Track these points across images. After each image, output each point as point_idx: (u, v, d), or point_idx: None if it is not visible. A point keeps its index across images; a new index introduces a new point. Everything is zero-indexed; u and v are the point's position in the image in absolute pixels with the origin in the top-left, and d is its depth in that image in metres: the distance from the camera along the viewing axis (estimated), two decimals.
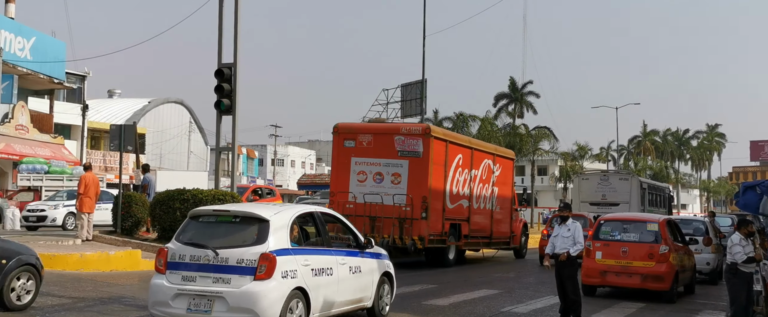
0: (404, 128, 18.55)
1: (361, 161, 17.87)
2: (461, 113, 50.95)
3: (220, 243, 8.25)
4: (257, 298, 7.87)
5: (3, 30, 30.81)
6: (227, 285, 7.98)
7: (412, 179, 17.40)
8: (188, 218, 8.83)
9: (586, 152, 70.00)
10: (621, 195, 27.54)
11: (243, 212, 8.71)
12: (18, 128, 31.56)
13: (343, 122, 19.21)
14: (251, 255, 8.03)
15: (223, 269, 8.05)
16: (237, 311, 7.87)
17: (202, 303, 7.99)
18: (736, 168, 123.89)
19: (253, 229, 8.35)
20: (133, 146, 18.57)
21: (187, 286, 8.08)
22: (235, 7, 18.12)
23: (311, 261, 8.69)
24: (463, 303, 12.45)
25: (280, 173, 74.25)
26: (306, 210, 9.35)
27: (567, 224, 11.02)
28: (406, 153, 17.55)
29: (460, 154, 19.34)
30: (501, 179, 22.16)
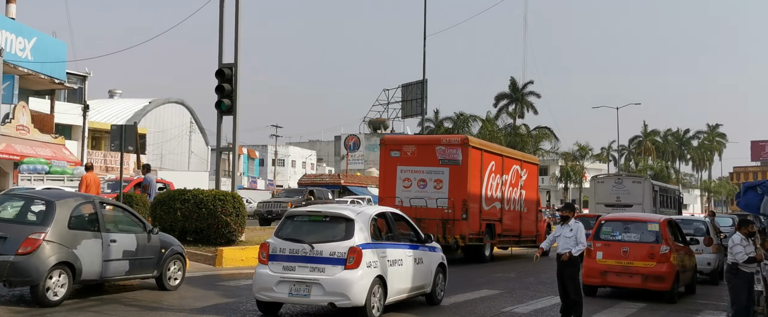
0: (444, 139, 20.36)
1: (406, 170, 19.69)
2: (462, 113, 50.99)
3: (314, 238, 9.86)
4: (348, 284, 9.51)
5: (4, 30, 30.82)
6: (322, 274, 9.61)
7: (453, 184, 19.17)
8: (284, 218, 10.58)
9: (587, 153, 70.07)
10: (634, 197, 28.70)
11: (332, 212, 10.40)
12: (19, 128, 31.57)
13: (389, 135, 23.64)
14: (342, 248, 9.67)
15: (318, 260, 9.69)
16: (331, 295, 9.52)
17: (302, 288, 9.63)
18: (736, 168, 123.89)
19: (342, 227, 10.00)
20: (134, 147, 18.55)
21: (288, 274, 9.71)
22: (236, 8, 18.13)
23: (387, 253, 10.35)
24: (463, 303, 12.44)
25: (281, 173, 74.25)
26: (381, 210, 11.26)
27: (569, 225, 11.02)
28: (447, 161, 19.35)
29: (492, 161, 21.12)
30: (528, 182, 23.95)
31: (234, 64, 17.80)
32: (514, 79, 60.27)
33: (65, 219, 10.31)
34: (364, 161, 73.90)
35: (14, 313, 9.45)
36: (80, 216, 10.75)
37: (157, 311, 10.12)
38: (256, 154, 73.70)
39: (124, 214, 11.85)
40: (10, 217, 10.66)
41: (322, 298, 9.58)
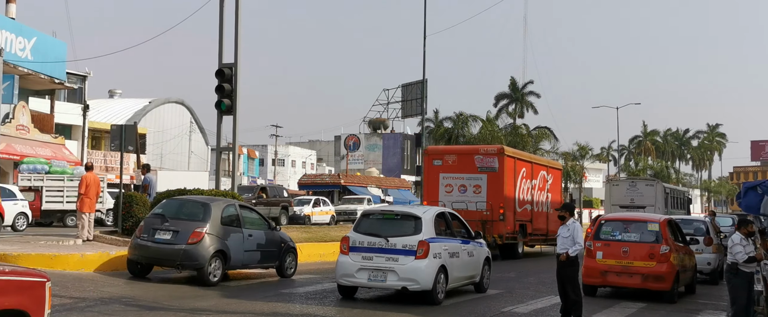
0: (482, 149, 22.85)
1: (448, 176, 21.75)
2: (461, 112, 50.96)
3: (388, 233, 11.78)
4: (419, 271, 11.42)
5: (4, 30, 30.82)
6: (396, 262, 11.49)
7: (490, 189, 21.31)
8: (361, 216, 12.71)
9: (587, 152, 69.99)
10: (647, 199, 30.26)
11: (402, 212, 12.48)
12: (19, 128, 31.57)
13: (432, 146, 26.44)
14: (412, 242, 11.54)
15: (392, 251, 11.59)
16: (405, 280, 11.42)
17: (379, 274, 11.56)
18: (736, 168, 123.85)
19: (411, 223, 11.90)
20: (134, 147, 18.57)
21: (366, 263, 11.62)
22: (236, 8, 18.13)
23: (447, 246, 12.19)
24: (463, 302, 12.44)
25: (281, 173, 74.23)
26: (441, 210, 13.14)
27: (567, 225, 11.02)
28: (485, 169, 21.45)
29: (524, 167, 23.33)
30: (553, 186, 26.40)
31: (234, 64, 17.80)
32: (514, 79, 60.33)
33: (218, 217, 13.18)
34: (364, 160, 73.89)
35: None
36: (228, 215, 13.53)
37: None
38: (256, 154, 73.66)
39: (255, 214, 14.59)
40: (178, 215, 13.36)
41: (396, 283, 11.51)
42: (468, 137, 50.70)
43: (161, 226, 13.08)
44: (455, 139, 50.16)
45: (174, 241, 12.74)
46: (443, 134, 51.34)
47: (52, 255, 13.86)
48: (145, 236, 13.16)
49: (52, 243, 16.36)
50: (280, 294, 12.46)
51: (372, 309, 11.20)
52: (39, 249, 15.11)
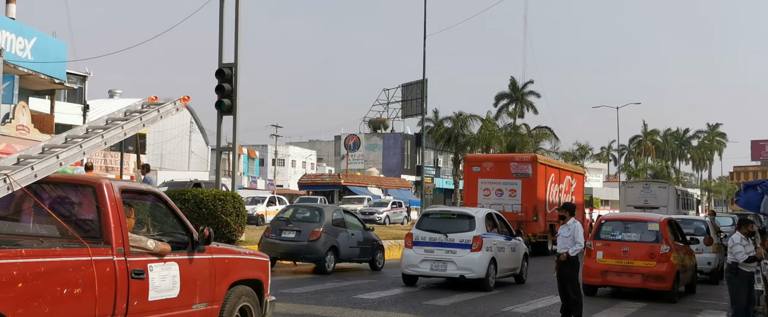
0: (517, 157, 25.46)
1: (486, 182, 23.87)
2: (461, 112, 50.91)
3: (447, 229, 14.01)
4: (474, 262, 13.65)
5: (4, 30, 30.79)
6: (454, 255, 13.70)
7: (525, 193, 23.43)
8: (422, 216, 15.33)
9: (587, 152, 70.03)
10: (660, 200, 32.06)
11: (458, 212, 15.01)
12: (19, 128, 31.55)
13: (471, 154, 29.79)
14: (468, 237, 13.74)
15: (451, 245, 13.77)
16: (462, 269, 13.64)
17: (440, 265, 13.81)
18: (736, 168, 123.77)
19: (466, 222, 14.10)
20: (134, 147, 18.58)
21: (428, 255, 13.85)
22: (236, 8, 18.12)
23: (495, 241, 14.26)
24: (464, 302, 12.44)
25: (281, 173, 74.22)
26: (489, 211, 15.31)
27: (567, 224, 11.02)
28: (519, 174, 23.57)
29: (552, 173, 25.61)
30: (576, 189, 28.68)
31: (234, 64, 17.80)
32: (514, 78, 60.22)
33: (330, 220, 16.42)
34: (364, 160, 73.84)
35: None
36: (336, 218, 16.75)
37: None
38: (256, 154, 73.64)
39: (354, 218, 17.80)
40: (299, 218, 16.82)
41: (455, 272, 13.73)
42: (468, 137, 50.68)
43: (286, 227, 16.33)
44: (455, 139, 50.14)
45: (298, 239, 15.90)
46: (443, 134, 51.27)
47: None
48: (272, 235, 16.32)
49: None
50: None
51: (373, 308, 11.21)
52: None
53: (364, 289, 13.58)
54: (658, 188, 33.11)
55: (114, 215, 6.07)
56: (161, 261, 6.38)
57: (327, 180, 58.35)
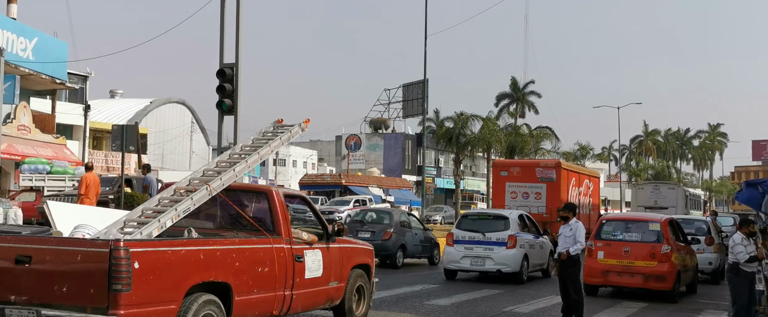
0: (542, 163, 27.47)
1: (513, 185, 25.71)
2: (462, 112, 50.88)
3: (484, 229, 15.91)
4: (509, 258, 15.43)
5: (5, 30, 30.81)
6: (491, 252, 15.50)
7: (549, 196, 25.10)
8: (461, 217, 17.45)
9: (588, 152, 69.98)
10: (669, 201, 33.68)
11: (494, 213, 16.93)
12: (20, 128, 31.56)
13: (498, 160, 32.15)
14: (504, 236, 15.50)
15: (488, 243, 15.60)
16: (499, 264, 15.44)
17: (479, 261, 15.65)
18: (738, 168, 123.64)
19: (502, 222, 15.96)
20: (135, 147, 18.59)
21: (468, 252, 15.75)
22: (237, 7, 18.11)
23: (527, 239, 15.96)
24: (465, 302, 12.45)
25: (282, 173, 74.24)
26: (521, 212, 17.10)
27: (569, 224, 11.02)
28: (544, 179, 25.38)
29: (573, 177, 27.58)
30: (593, 192, 30.89)
31: (235, 64, 17.77)
32: (515, 78, 60.19)
33: (398, 221, 18.69)
34: (365, 160, 73.81)
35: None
36: (403, 220, 19.07)
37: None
38: None
39: (416, 219, 20.17)
40: (372, 220, 19.45)
41: (492, 267, 15.53)
42: (469, 137, 50.69)
43: (361, 228, 18.47)
44: (456, 139, 50.14)
45: (372, 238, 17.35)
46: (444, 134, 51.27)
47: None
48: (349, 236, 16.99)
49: None
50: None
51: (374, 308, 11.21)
52: None
53: None
54: (667, 190, 34.81)
55: (282, 214, 8.21)
56: (311, 248, 8.53)
57: (328, 180, 58.31)
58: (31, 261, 6.35)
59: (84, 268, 6.22)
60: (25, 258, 6.36)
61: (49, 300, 6.26)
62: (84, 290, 6.19)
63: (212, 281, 7.00)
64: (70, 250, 6.38)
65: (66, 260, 6.31)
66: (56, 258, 6.34)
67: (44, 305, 6.24)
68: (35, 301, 6.30)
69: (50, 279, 6.28)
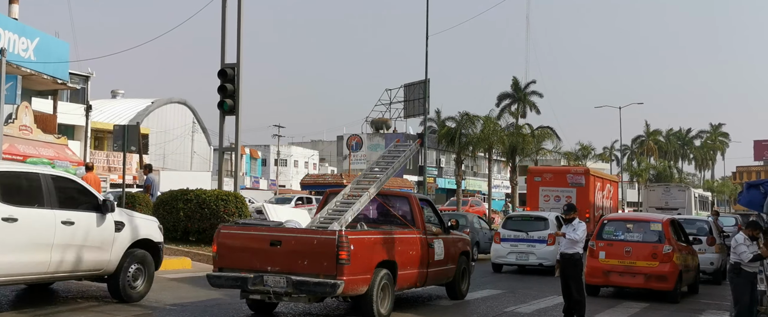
0: (572, 170, 30.30)
1: (546, 189, 28.11)
2: (466, 112, 50.84)
3: (527, 228, 18.41)
4: (550, 254, 17.31)
5: (7, 31, 30.81)
6: (534, 248, 18.01)
7: (579, 199, 27.02)
8: (506, 218, 20.14)
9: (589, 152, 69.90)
10: (679, 202, 35.14)
11: (535, 215, 19.48)
12: (22, 128, 31.58)
13: (533, 167, 35.48)
14: (544, 234, 18.01)
15: (531, 241, 18.15)
16: (540, 259, 17.85)
17: (523, 256, 18.12)
18: (739, 168, 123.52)
19: (542, 222, 18.49)
20: (137, 147, 18.58)
21: (513, 249, 18.27)
22: (238, 8, 18.13)
23: None
24: (466, 302, 12.45)
25: (283, 173, 74.27)
26: (557, 214, 18.91)
27: (573, 224, 11.02)
28: (574, 184, 27.84)
29: (598, 182, 29.98)
30: (613, 195, 33.57)
31: (236, 64, 17.80)
32: (517, 78, 60.13)
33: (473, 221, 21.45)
34: (367, 161, 73.75)
35: None
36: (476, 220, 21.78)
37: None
38: (258, 154, 73.69)
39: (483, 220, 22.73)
40: None
41: (535, 261, 17.93)
42: (470, 137, 50.64)
43: None
44: (458, 139, 50.10)
45: None
46: (446, 134, 51.21)
47: None
48: None
49: None
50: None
51: None
52: None
53: None
54: (677, 191, 36.61)
55: (419, 212, 11.45)
56: (437, 238, 11.68)
57: (329, 180, 58.20)
58: (281, 244, 9.33)
59: (319, 249, 9.14)
60: (277, 242, 9.35)
61: (294, 270, 9.17)
62: (318, 263, 9.11)
63: (387, 259, 10.03)
64: (308, 237, 9.39)
65: (306, 243, 9.28)
66: (299, 242, 9.33)
67: (291, 273, 9.16)
68: (284, 271, 9.20)
69: (294, 256, 9.21)
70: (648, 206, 35.78)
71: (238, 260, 9.59)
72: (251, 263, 9.48)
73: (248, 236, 9.78)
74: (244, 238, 9.78)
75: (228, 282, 9.59)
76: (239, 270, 9.50)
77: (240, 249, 9.66)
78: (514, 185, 54.79)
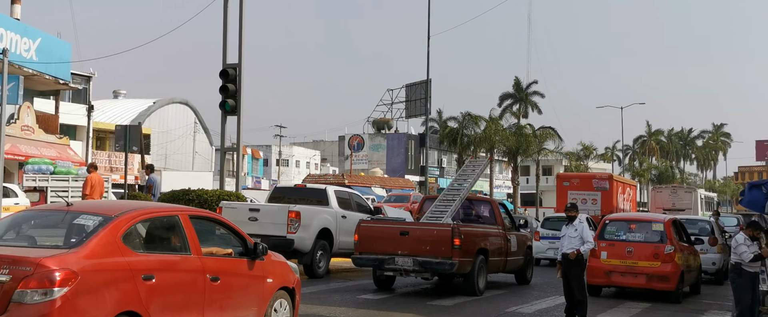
0: (597, 175, 33.63)
1: (574, 193, 30.44)
2: (469, 112, 50.87)
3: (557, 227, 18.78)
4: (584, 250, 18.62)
5: (9, 31, 30.85)
6: None
7: (603, 202, 30.12)
8: (544, 219, 23.36)
9: (591, 152, 69.90)
10: (686, 203, 36.40)
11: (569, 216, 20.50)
12: (24, 128, 31.63)
13: (562, 173, 40.51)
14: None
15: None
16: None
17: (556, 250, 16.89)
18: (741, 168, 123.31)
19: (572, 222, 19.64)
20: (138, 147, 18.61)
21: (552, 245, 19.78)
22: (240, 8, 18.15)
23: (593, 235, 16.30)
24: (467, 302, 12.45)
25: (285, 174, 74.29)
26: (586, 215, 19.68)
27: (574, 224, 11.01)
28: (599, 188, 30.70)
29: (619, 186, 32.88)
30: (632, 198, 36.41)
31: (238, 65, 17.82)
32: (519, 78, 60.13)
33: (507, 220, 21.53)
34: (368, 161, 73.82)
35: None
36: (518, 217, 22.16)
37: None
38: (260, 154, 73.69)
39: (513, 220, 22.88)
40: None
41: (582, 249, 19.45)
42: (472, 137, 50.65)
43: None
44: (460, 139, 50.10)
45: None
46: (448, 134, 51.22)
47: None
48: None
49: None
50: None
51: (377, 309, 11.22)
52: None
53: (369, 289, 13.56)
54: (684, 193, 38.15)
55: (499, 213, 15.02)
56: (511, 234, 15.02)
57: (331, 180, 58.23)
58: (409, 234, 12.98)
59: (438, 237, 12.75)
60: (405, 232, 13.06)
61: (419, 253, 12.68)
62: (438, 248, 12.64)
63: (482, 248, 13.46)
64: (430, 229, 13.16)
65: (428, 233, 12.96)
66: (423, 232, 13.10)
67: (416, 255, 12.64)
68: (411, 254, 12.68)
69: (419, 243, 12.79)
70: (655, 207, 36.54)
71: (375, 246, 13.05)
72: (385, 248, 12.89)
73: (383, 228, 13.45)
74: (380, 230, 13.39)
75: (368, 262, 13.11)
76: (376, 254, 12.94)
77: (377, 238, 13.13)
78: (516, 186, 54.77)
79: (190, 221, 7.03)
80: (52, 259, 5.71)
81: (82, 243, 6.02)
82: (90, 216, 6.44)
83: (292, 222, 14.01)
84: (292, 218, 14.00)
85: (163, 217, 6.99)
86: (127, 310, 6.06)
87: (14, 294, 5.56)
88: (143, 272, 6.26)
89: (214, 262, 7.13)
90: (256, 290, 7.62)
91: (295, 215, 14.05)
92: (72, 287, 5.64)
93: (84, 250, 5.96)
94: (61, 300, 5.58)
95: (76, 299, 5.67)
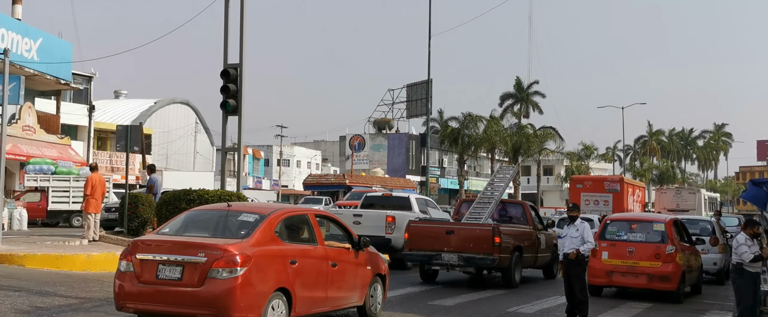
0: (609, 178, 35.39)
1: (587, 195, 31.99)
2: (469, 113, 50.86)
3: None
4: None
5: (10, 31, 30.86)
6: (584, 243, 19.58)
7: (615, 202, 31.29)
8: (560, 219, 21.88)
9: (592, 152, 69.90)
10: (690, 204, 37.00)
11: (584, 217, 18.32)
12: (25, 128, 31.64)
13: (575, 176, 40.42)
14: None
15: None
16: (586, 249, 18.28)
17: None
18: (742, 168, 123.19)
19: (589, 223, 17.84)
20: (140, 147, 18.60)
21: None
22: (241, 8, 18.13)
23: None
24: (469, 302, 12.45)
25: (286, 174, 74.30)
26: (598, 216, 21.74)
27: (575, 224, 11.02)
28: (610, 190, 31.89)
29: (630, 188, 34.20)
30: (641, 199, 37.65)
31: (239, 65, 17.80)
32: (520, 78, 60.18)
33: None
34: (369, 161, 73.80)
35: None
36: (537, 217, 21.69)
37: None
38: (261, 154, 73.70)
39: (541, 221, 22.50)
40: None
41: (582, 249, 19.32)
42: (473, 137, 50.64)
43: None
44: (461, 139, 50.10)
45: None
46: (449, 135, 51.22)
47: (57, 255, 13.90)
48: None
49: (57, 243, 16.39)
50: None
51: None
52: (45, 249, 15.16)
53: None
54: (688, 194, 38.81)
55: (530, 213, 16.70)
56: (540, 234, 16.52)
57: (332, 181, 58.26)
58: (454, 233, 14.63)
59: (481, 235, 14.35)
60: (451, 231, 14.74)
61: (463, 250, 14.27)
62: (480, 245, 14.20)
63: (518, 245, 14.94)
64: (473, 228, 14.87)
65: (471, 233, 14.58)
66: (466, 231, 14.73)
67: (461, 252, 14.26)
68: (456, 250, 14.31)
69: (463, 241, 14.36)
70: (660, 207, 36.95)
71: (423, 243, 14.72)
72: (432, 245, 14.56)
73: (431, 228, 15.29)
74: (428, 229, 15.13)
75: (417, 258, 14.92)
76: (424, 250, 14.67)
77: (425, 236, 14.83)
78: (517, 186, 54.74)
79: (315, 219, 8.96)
80: (235, 246, 7.58)
81: (250, 235, 7.85)
82: (250, 214, 8.31)
83: (389, 225, 17.33)
84: (390, 222, 17.37)
85: (298, 215, 8.89)
86: (281, 286, 7.89)
87: (210, 271, 7.40)
88: (290, 257, 8.15)
89: (333, 251, 8.99)
90: (361, 275, 9.55)
91: (392, 219, 17.39)
92: (249, 267, 7.48)
93: (252, 240, 7.79)
94: (241, 277, 7.41)
95: (250, 276, 7.49)
